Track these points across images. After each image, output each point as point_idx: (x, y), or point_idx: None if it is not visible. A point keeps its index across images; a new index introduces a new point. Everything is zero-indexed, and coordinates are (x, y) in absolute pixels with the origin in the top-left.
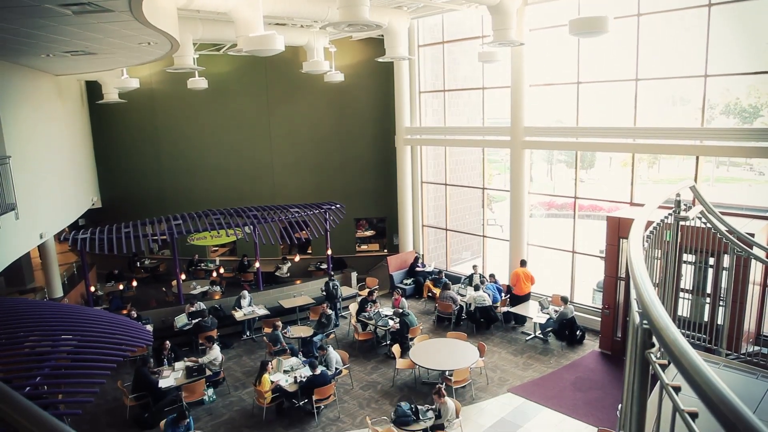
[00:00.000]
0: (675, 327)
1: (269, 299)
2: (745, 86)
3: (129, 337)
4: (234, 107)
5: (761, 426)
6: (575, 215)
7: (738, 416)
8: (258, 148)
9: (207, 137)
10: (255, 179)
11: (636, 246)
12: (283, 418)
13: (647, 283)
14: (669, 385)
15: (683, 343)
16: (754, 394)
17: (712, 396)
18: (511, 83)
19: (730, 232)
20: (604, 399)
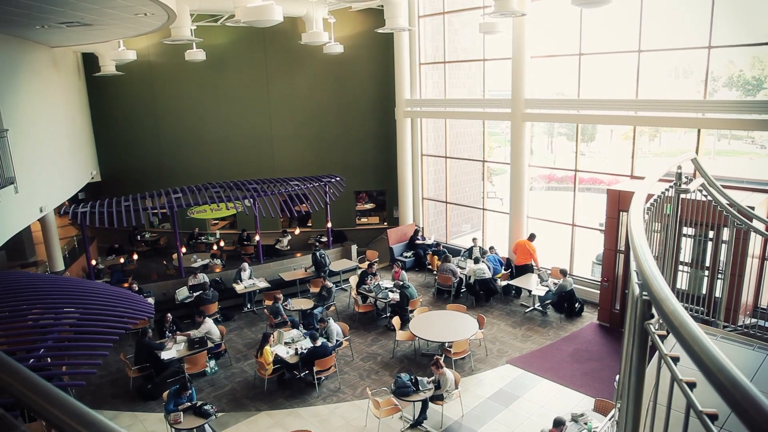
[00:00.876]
0: (675, 298)
1: (269, 272)
2: (749, 57)
3: (131, 309)
4: (233, 79)
5: (758, 393)
6: (575, 188)
7: (735, 385)
8: (257, 120)
9: (206, 110)
10: (254, 152)
11: (637, 218)
12: (284, 389)
13: (648, 255)
14: (668, 356)
15: (683, 314)
16: (750, 365)
17: (711, 365)
18: (512, 55)
19: (730, 205)
20: (602, 370)
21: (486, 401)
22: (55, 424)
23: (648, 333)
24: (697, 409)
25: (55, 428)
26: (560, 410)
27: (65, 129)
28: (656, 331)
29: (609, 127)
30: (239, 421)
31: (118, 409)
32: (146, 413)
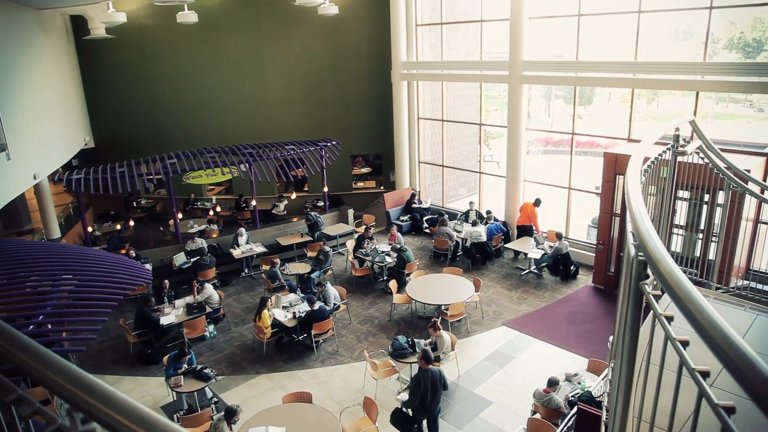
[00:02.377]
0: (671, 258)
1: (266, 237)
2: (751, 19)
3: (129, 276)
4: (226, 42)
5: (750, 350)
6: (572, 151)
7: (729, 342)
8: (252, 84)
9: (199, 74)
10: (249, 116)
11: (634, 179)
12: (283, 353)
13: (644, 216)
14: (662, 315)
15: (679, 274)
16: (741, 325)
17: (705, 324)
18: (511, 16)
19: (727, 167)
20: (596, 332)
21: (482, 362)
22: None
23: (643, 293)
24: (690, 366)
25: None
26: (554, 370)
27: (56, 94)
28: (651, 291)
29: (607, 90)
30: (239, 384)
31: (119, 374)
32: (147, 377)
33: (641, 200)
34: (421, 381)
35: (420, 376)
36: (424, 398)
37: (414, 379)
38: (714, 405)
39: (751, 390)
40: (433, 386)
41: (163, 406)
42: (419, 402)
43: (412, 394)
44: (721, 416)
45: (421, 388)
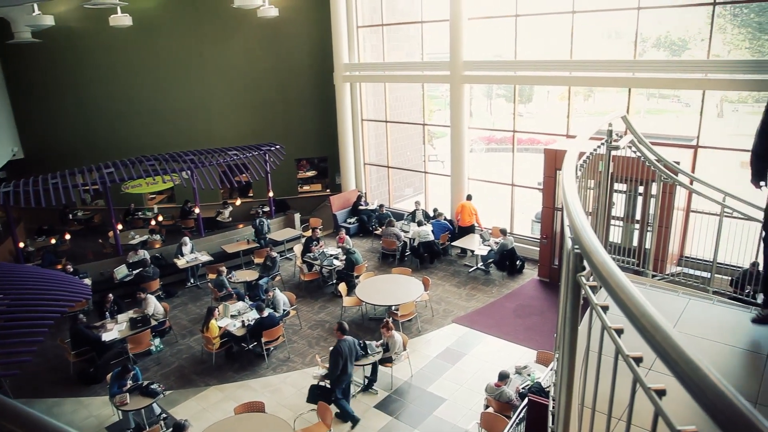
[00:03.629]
0: (604, 250)
1: (212, 245)
2: (675, 19)
3: (65, 292)
4: (163, 46)
5: (676, 335)
6: (514, 149)
7: (656, 327)
8: (191, 89)
9: (136, 79)
10: (190, 122)
11: (569, 175)
12: (233, 362)
13: (579, 210)
14: (598, 305)
15: (611, 265)
16: (675, 310)
17: (635, 311)
18: (450, 16)
19: (658, 160)
20: (543, 324)
21: (434, 360)
22: None
23: (580, 285)
24: (624, 353)
25: None
26: (505, 364)
27: None
28: (588, 282)
29: (546, 87)
30: (188, 398)
31: (59, 396)
32: (90, 397)
33: (576, 195)
34: (341, 350)
35: (339, 346)
36: (345, 366)
37: (333, 350)
38: (646, 388)
39: (677, 371)
40: (350, 353)
41: (109, 427)
42: (341, 370)
43: (334, 364)
44: (653, 398)
45: (342, 356)
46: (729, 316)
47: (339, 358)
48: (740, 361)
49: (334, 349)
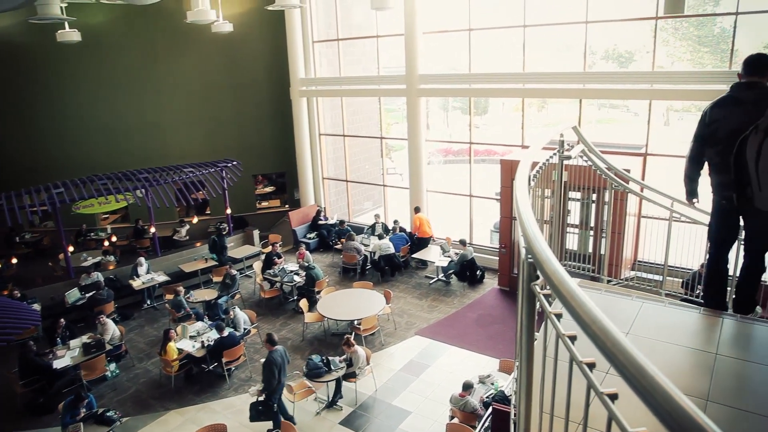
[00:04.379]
0: (555, 259)
1: (168, 264)
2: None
3: (12, 319)
4: (115, 62)
5: (624, 340)
6: (471, 160)
7: (606, 333)
8: (145, 106)
9: (86, 96)
10: (143, 140)
11: (521, 186)
12: (193, 384)
13: (531, 220)
14: (551, 313)
15: (562, 273)
16: (629, 314)
17: (585, 318)
18: (405, 31)
19: (608, 168)
20: (505, 332)
21: (398, 373)
22: None
23: (534, 294)
24: (577, 359)
25: None
26: (468, 374)
27: None
28: (542, 291)
29: (500, 99)
30: (147, 424)
31: (5, 430)
32: (41, 429)
33: (528, 205)
34: (274, 360)
35: (271, 357)
36: (280, 375)
37: (267, 362)
38: (599, 393)
39: (627, 375)
40: (283, 363)
41: None
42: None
43: (271, 375)
44: (605, 402)
45: (277, 366)
46: (680, 318)
47: (274, 367)
48: (691, 361)
49: (267, 361)
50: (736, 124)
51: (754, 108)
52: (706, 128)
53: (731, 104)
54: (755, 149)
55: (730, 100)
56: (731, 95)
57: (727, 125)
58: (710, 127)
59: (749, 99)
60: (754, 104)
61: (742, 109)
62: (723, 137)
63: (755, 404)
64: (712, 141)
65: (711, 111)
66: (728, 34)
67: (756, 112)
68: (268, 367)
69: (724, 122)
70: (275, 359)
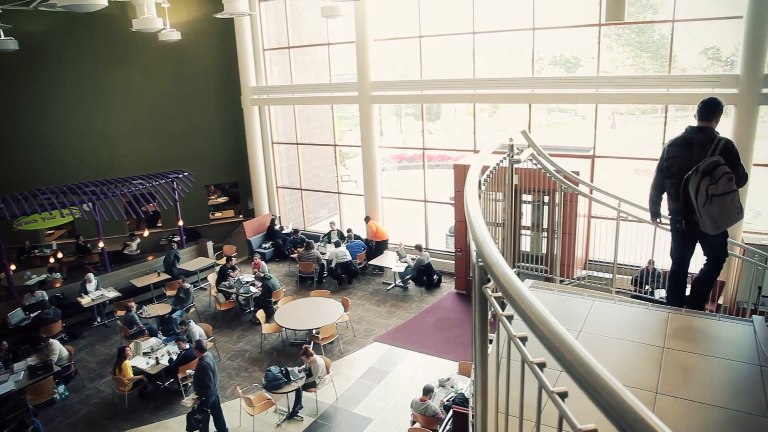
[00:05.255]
0: (505, 262)
1: (119, 280)
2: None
3: None
4: (57, 71)
5: (571, 339)
6: (425, 166)
7: (554, 333)
8: (90, 116)
9: (26, 107)
10: (89, 152)
11: (471, 191)
12: (149, 402)
13: (481, 224)
14: (503, 315)
15: (511, 276)
16: (581, 312)
17: (534, 319)
18: (356, 38)
19: (557, 171)
20: (463, 335)
21: (358, 381)
22: None
23: (486, 297)
24: (528, 359)
25: None
26: (428, 378)
27: None
28: (493, 294)
29: (452, 105)
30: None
31: None
32: None
33: (478, 210)
34: (209, 363)
35: (205, 362)
36: (215, 380)
37: (201, 367)
38: (550, 392)
39: (574, 373)
40: (215, 367)
41: None
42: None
43: (208, 380)
44: (555, 401)
45: (212, 369)
46: (629, 314)
47: (209, 371)
48: (641, 355)
49: (200, 366)
50: (685, 163)
51: (700, 150)
52: (664, 162)
53: (683, 145)
54: (695, 187)
55: (683, 141)
56: (685, 136)
57: (679, 163)
58: (667, 162)
59: (698, 141)
60: (701, 147)
61: (691, 150)
62: (675, 172)
63: (701, 394)
64: (668, 174)
65: (668, 148)
66: (667, 41)
67: (700, 155)
68: (203, 372)
69: (677, 160)
70: (209, 363)
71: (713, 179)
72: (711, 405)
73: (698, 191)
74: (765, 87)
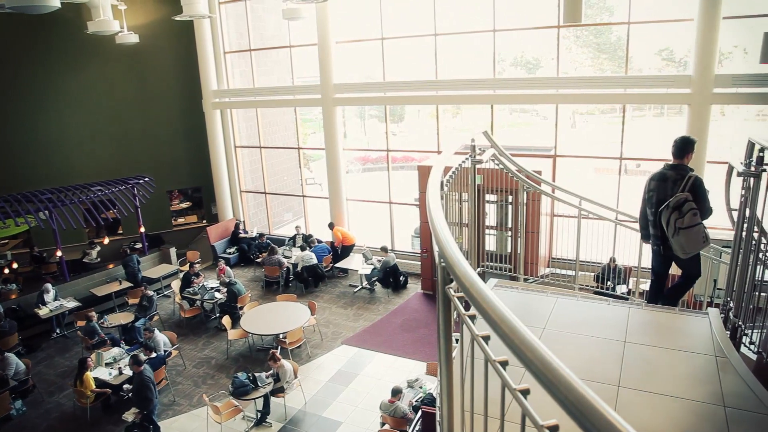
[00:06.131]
0: (466, 262)
1: (79, 289)
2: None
3: None
4: (8, 75)
5: (532, 337)
6: (389, 167)
7: (514, 331)
8: (46, 121)
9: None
10: (45, 158)
11: (433, 192)
12: (112, 414)
13: (443, 225)
14: (466, 315)
15: (472, 275)
16: (545, 310)
17: (495, 317)
18: (318, 41)
19: (519, 170)
20: (430, 335)
21: (327, 384)
22: None
23: (449, 297)
24: (491, 358)
25: None
26: (397, 379)
27: None
28: (456, 294)
29: (416, 106)
30: None
31: None
32: None
33: (440, 210)
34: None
35: (144, 375)
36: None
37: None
38: (512, 389)
39: (533, 370)
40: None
41: None
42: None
43: (149, 393)
44: (518, 398)
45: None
46: (592, 310)
47: (151, 384)
48: (604, 350)
49: (141, 380)
50: (662, 195)
51: (673, 186)
52: (646, 194)
53: (660, 179)
54: (666, 220)
55: (660, 176)
56: (662, 172)
57: (657, 195)
58: (648, 194)
59: (671, 178)
60: (674, 182)
61: (666, 184)
62: (654, 203)
63: (661, 386)
64: (649, 204)
65: (649, 182)
66: (623, 42)
67: (673, 189)
68: (144, 385)
69: (655, 192)
70: (149, 377)
71: (681, 214)
72: (671, 396)
73: (668, 223)
74: (716, 87)
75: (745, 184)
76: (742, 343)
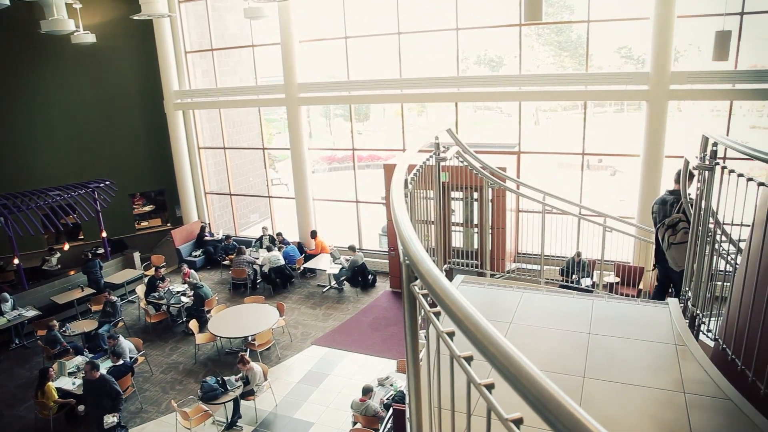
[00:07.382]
0: (429, 259)
1: (39, 297)
2: (491, 38)
3: None
4: None
5: (495, 332)
6: (355, 166)
7: (477, 327)
8: None
9: None
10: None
11: (397, 189)
12: (77, 424)
13: (406, 223)
14: (431, 311)
15: (435, 272)
16: (511, 304)
17: (458, 314)
18: (281, 40)
19: (483, 167)
20: (400, 334)
21: (297, 386)
22: None
23: (414, 294)
24: (456, 354)
25: None
26: (367, 378)
27: None
28: (420, 291)
29: (381, 105)
30: None
31: None
32: None
33: (404, 208)
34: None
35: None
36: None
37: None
38: (476, 384)
39: (496, 364)
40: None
41: None
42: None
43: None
44: (483, 393)
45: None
46: (557, 303)
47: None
48: (569, 342)
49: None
50: (662, 216)
51: (671, 208)
52: (653, 216)
53: (661, 203)
54: (662, 236)
55: (661, 200)
56: (663, 196)
57: (658, 217)
58: (653, 215)
59: (669, 201)
60: (671, 205)
61: (666, 207)
62: (657, 224)
63: (624, 376)
64: (654, 225)
65: (654, 206)
66: (583, 40)
67: (670, 211)
68: (112, 386)
69: (657, 215)
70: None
71: (674, 231)
72: (634, 385)
73: (663, 239)
74: (673, 84)
75: (701, 178)
76: (700, 331)
